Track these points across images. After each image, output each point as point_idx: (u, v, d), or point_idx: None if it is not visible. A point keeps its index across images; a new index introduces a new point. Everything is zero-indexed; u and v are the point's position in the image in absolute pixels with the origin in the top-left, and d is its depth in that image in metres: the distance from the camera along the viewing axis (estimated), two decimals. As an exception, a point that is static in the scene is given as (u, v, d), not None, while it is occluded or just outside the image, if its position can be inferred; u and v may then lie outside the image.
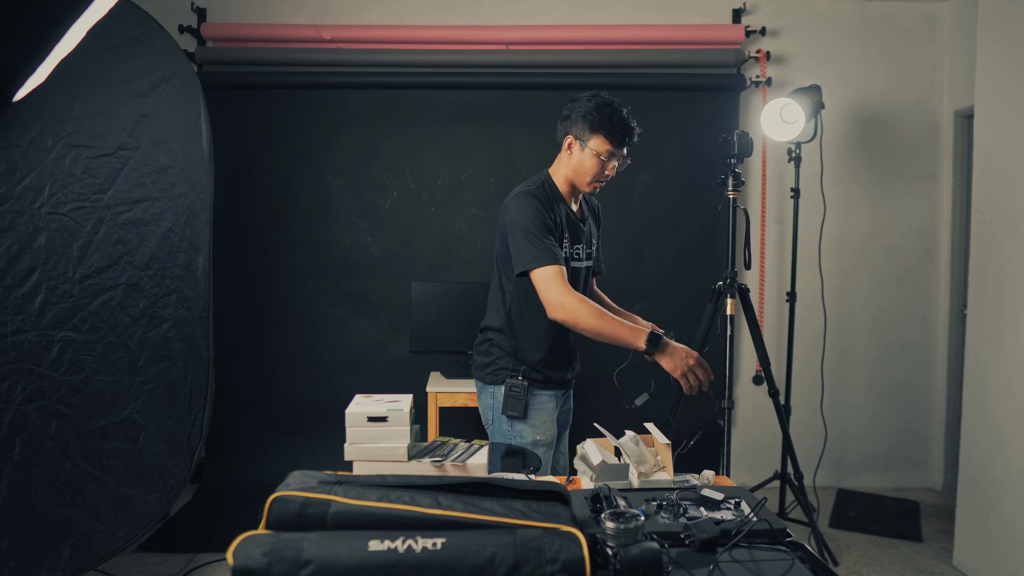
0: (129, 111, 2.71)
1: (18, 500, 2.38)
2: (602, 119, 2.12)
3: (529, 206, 2.10)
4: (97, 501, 2.52)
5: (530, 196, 2.13)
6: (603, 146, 2.14)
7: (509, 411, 2.18)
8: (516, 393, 2.18)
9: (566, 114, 2.21)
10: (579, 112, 2.17)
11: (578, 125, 2.17)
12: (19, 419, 2.41)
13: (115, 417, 2.60)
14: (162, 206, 2.76)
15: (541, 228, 2.08)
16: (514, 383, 2.19)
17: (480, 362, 2.31)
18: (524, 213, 2.09)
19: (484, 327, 2.32)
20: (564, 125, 2.22)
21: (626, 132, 2.14)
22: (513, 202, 2.15)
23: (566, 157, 2.21)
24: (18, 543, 2.35)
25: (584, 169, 2.17)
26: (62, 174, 2.56)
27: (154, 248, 2.74)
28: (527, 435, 2.19)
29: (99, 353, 2.59)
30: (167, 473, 2.70)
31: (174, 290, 2.77)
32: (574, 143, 2.18)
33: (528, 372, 2.21)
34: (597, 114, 2.13)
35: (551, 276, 2.04)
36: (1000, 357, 2.87)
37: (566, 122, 2.21)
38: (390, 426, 1.73)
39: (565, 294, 2.03)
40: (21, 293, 2.46)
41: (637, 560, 0.96)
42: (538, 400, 2.22)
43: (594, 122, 2.13)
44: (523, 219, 2.09)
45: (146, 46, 2.76)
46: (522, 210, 2.10)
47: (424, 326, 3.62)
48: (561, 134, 2.22)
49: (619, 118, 2.13)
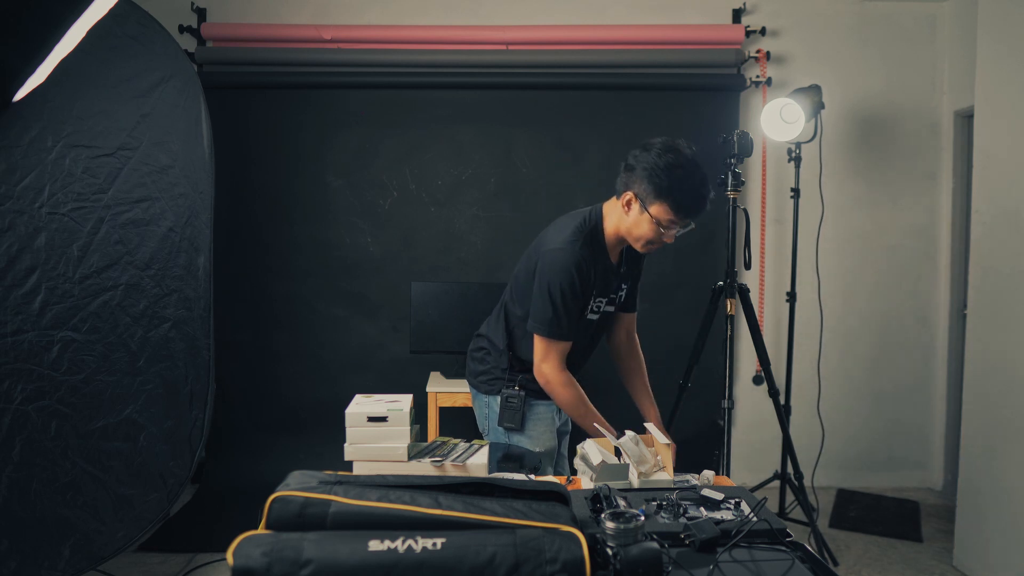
0: (129, 111, 2.71)
1: (18, 500, 2.38)
2: (671, 184, 1.87)
3: (568, 273, 1.94)
4: (97, 501, 2.52)
5: (574, 260, 1.94)
6: (667, 215, 1.90)
7: (506, 423, 2.11)
8: (513, 404, 2.11)
9: (631, 164, 1.95)
10: (646, 168, 1.90)
11: (642, 184, 1.90)
12: (19, 419, 2.41)
13: (115, 417, 2.60)
14: (162, 206, 2.76)
15: (569, 300, 1.96)
16: (510, 393, 2.11)
17: (475, 369, 2.26)
18: (561, 278, 1.95)
19: (481, 334, 2.28)
20: (627, 176, 1.96)
21: (698, 204, 1.90)
22: (556, 256, 1.97)
23: (622, 211, 1.98)
24: (18, 543, 2.35)
25: (640, 232, 1.96)
26: (62, 174, 2.56)
27: (154, 248, 2.74)
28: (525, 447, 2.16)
29: (99, 353, 2.59)
30: (167, 473, 2.70)
31: (175, 290, 2.77)
32: (634, 202, 1.93)
33: (525, 382, 2.14)
34: (667, 177, 1.87)
35: (551, 350, 2.00)
36: (1000, 357, 2.86)
37: (630, 173, 1.95)
38: (390, 426, 1.73)
39: (555, 372, 2.01)
40: (21, 293, 2.46)
41: (637, 560, 0.96)
42: (536, 411, 2.16)
43: (661, 187, 1.87)
44: (557, 284, 1.95)
45: (146, 46, 2.76)
46: (561, 274, 1.95)
47: (424, 326, 3.62)
48: (621, 185, 1.97)
49: (691, 185, 1.88)
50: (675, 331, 3.83)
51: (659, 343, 3.90)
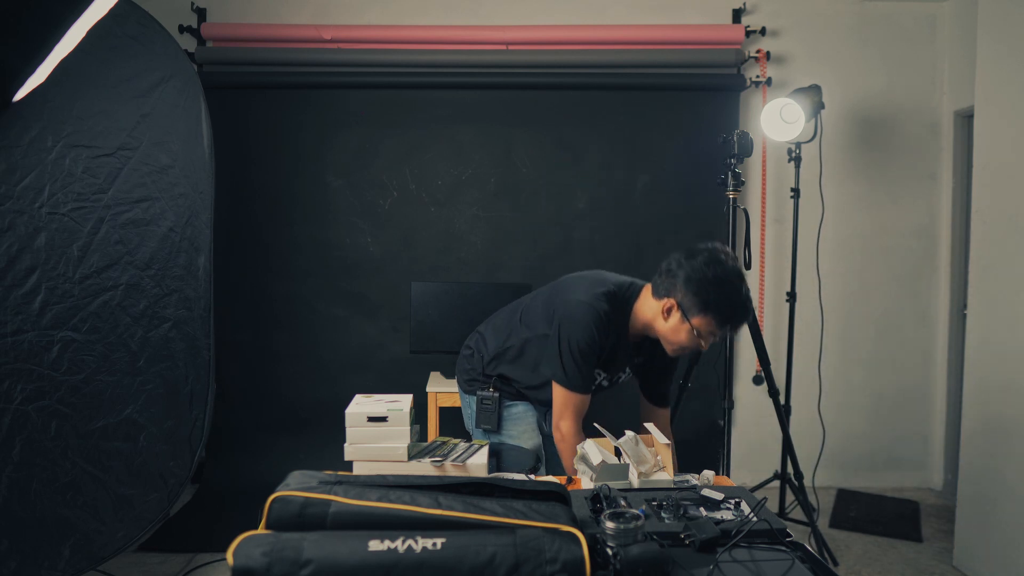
0: (129, 111, 2.71)
1: (18, 500, 2.38)
2: (719, 299, 1.81)
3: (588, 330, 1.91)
4: (97, 501, 2.52)
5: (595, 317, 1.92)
6: (709, 327, 1.84)
7: (483, 424, 2.11)
8: (487, 406, 2.10)
9: (672, 270, 1.87)
10: (691, 279, 1.82)
11: (686, 295, 1.83)
12: (19, 419, 2.41)
13: (115, 417, 2.60)
14: (163, 206, 2.76)
15: (589, 356, 1.93)
16: (485, 395, 2.11)
17: (460, 367, 2.30)
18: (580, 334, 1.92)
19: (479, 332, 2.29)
20: (668, 281, 1.87)
21: (742, 318, 1.86)
22: (579, 309, 1.94)
23: (659, 314, 1.90)
24: (18, 543, 2.35)
25: (678, 339, 1.90)
26: (62, 174, 2.56)
27: (155, 248, 2.74)
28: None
29: (99, 353, 2.59)
30: (168, 473, 2.70)
31: (175, 290, 2.77)
32: (675, 311, 1.86)
33: (499, 384, 2.14)
34: (714, 291, 1.80)
35: (572, 403, 1.95)
36: (1000, 357, 2.86)
37: (672, 280, 1.86)
38: (390, 426, 1.73)
39: (572, 427, 1.96)
40: (21, 293, 2.46)
41: (637, 560, 0.96)
42: (513, 411, 2.16)
43: (708, 302, 1.81)
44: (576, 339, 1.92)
45: (146, 46, 2.76)
46: (581, 329, 1.92)
47: (424, 326, 3.62)
48: (661, 289, 1.89)
49: (738, 300, 1.82)
50: (675, 331, 3.83)
51: (659, 343, 3.92)
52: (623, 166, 3.95)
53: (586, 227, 3.95)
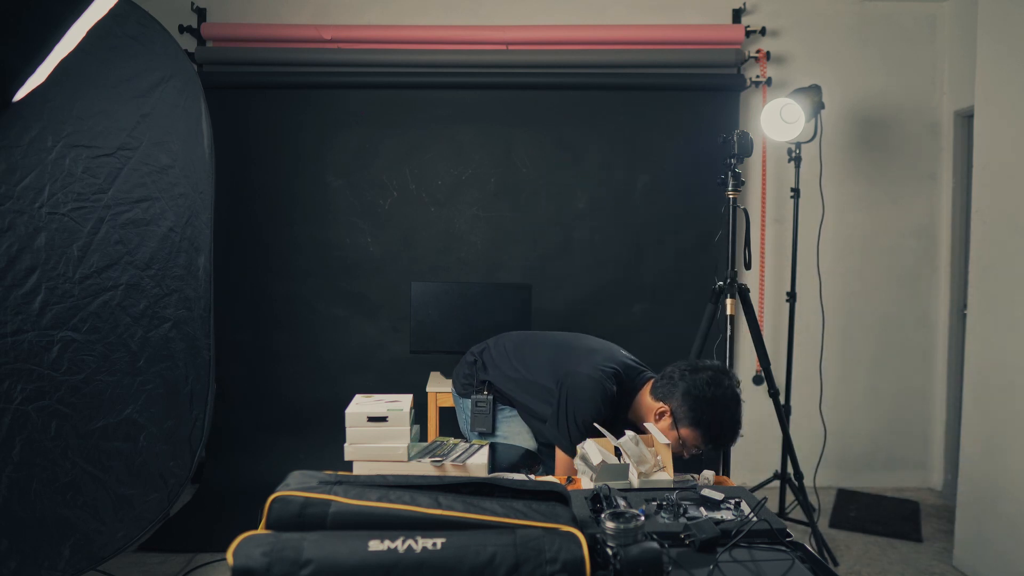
0: (129, 111, 2.71)
1: (18, 500, 2.38)
2: (712, 419, 1.86)
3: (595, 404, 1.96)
4: (97, 501, 2.52)
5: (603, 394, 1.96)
6: (695, 440, 1.89)
7: (478, 427, 2.13)
8: (482, 408, 2.12)
9: (675, 379, 1.92)
10: (690, 393, 1.87)
11: (682, 406, 1.87)
12: (19, 419, 2.41)
13: (115, 417, 2.60)
14: (163, 206, 2.76)
15: (591, 428, 1.91)
16: (479, 398, 2.12)
17: (460, 371, 2.32)
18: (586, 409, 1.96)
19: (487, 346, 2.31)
20: (667, 388, 1.93)
21: (730, 439, 1.90)
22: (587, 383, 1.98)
23: (652, 413, 1.95)
24: (18, 543, 2.35)
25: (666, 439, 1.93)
26: (62, 174, 2.56)
27: (155, 248, 2.74)
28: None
29: (99, 353, 2.59)
30: (168, 473, 2.70)
31: (175, 290, 2.77)
32: (667, 416, 1.90)
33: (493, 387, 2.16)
34: (709, 411, 1.86)
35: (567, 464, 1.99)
36: (1000, 357, 2.86)
37: (671, 386, 1.91)
38: (390, 426, 1.73)
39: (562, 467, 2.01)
40: (21, 293, 2.46)
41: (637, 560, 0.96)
42: (506, 414, 2.19)
43: (701, 419, 1.86)
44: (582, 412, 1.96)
45: (146, 46, 2.76)
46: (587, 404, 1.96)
47: (424, 326, 3.62)
48: (660, 392, 1.94)
49: (729, 423, 1.87)
50: (675, 331, 3.83)
51: (659, 343, 3.91)
52: (623, 166, 3.95)
53: (586, 227, 3.95)
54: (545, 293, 3.79)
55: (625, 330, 3.93)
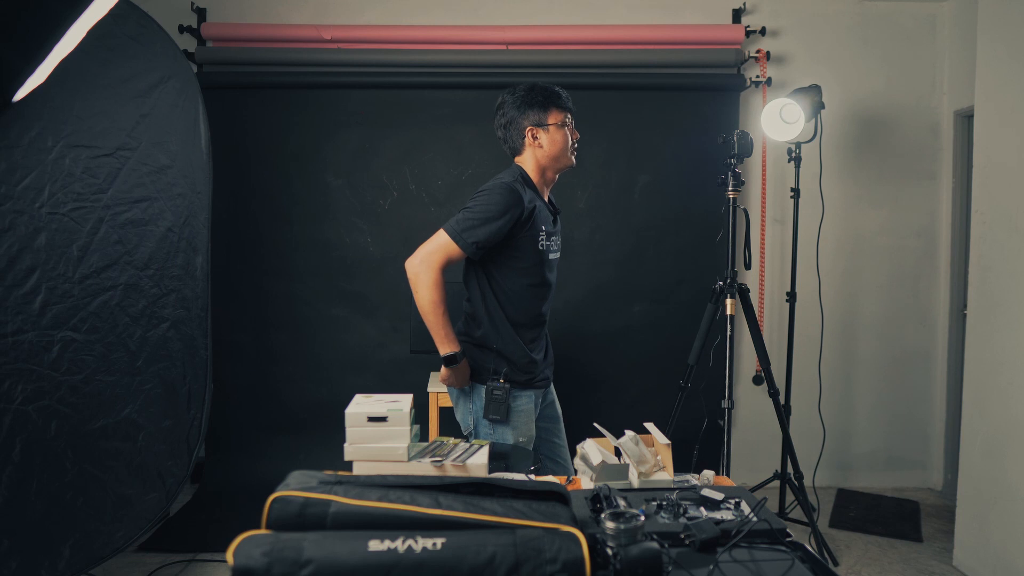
0: (129, 111, 2.71)
1: (18, 500, 2.38)
2: (545, 97, 2.20)
3: (503, 190, 2.13)
4: (97, 501, 2.52)
5: (509, 183, 2.15)
6: (560, 115, 2.21)
7: (491, 415, 2.16)
8: (498, 396, 2.16)
9: (509, 117, 2.24)
10: (518, 106, 2.22)
11: (528, 115, 2.21)
12: (19, 419, 2.40)
13: (115, 417, 2.60)
14: (161, 206, 2.76)
15: (495, 215, 2.11)
16: (495, 386, 2.16)
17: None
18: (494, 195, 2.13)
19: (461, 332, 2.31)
20: (512, 126, 2.24)
21: (565, 96, 2.24)
22: (493, 182, 2.18)
23: (535, 150, 2.24)
24: (18, 543, 2.35)
25: (559, 146, 2.23)
26: (62, 174, 2.56)
27: (153, 248, 2.74)
28: (509, 438, 2.20)
29: (99, 353, 2.59)
30: (166, 473, 2.70)
31: (173, 290, 2.77)
32: (536, 131, 2.22)
33: (510, 374, 2.19)
34: (539, 95, 2.21)
35: (442, 249, 2.15)
36: (1000, 357, 2.86)
37: (513, 123, 2.24)
38: (390, 426, 1.73)
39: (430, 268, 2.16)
40: (21, 293, 2.46)
41: (637, 560, 0.96)
42: (519, 402, 2.22)
43: (540, 102, 2.20)
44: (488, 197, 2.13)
45: (146, 46, 2.76)
46: (495, 191, 2.14)
47: (424, 326, 3.61)
48: (515, 135, 2.25)
49: (552, 89, 2.23)
50: (675, 331, 3.83)
51: (659, 343, 3.92)
52: (623, 166, 3.95)
53: (586, 227, 3.95)
54: (545, 293, 3.78)
55: (625, 330, 3.94)
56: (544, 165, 2.25)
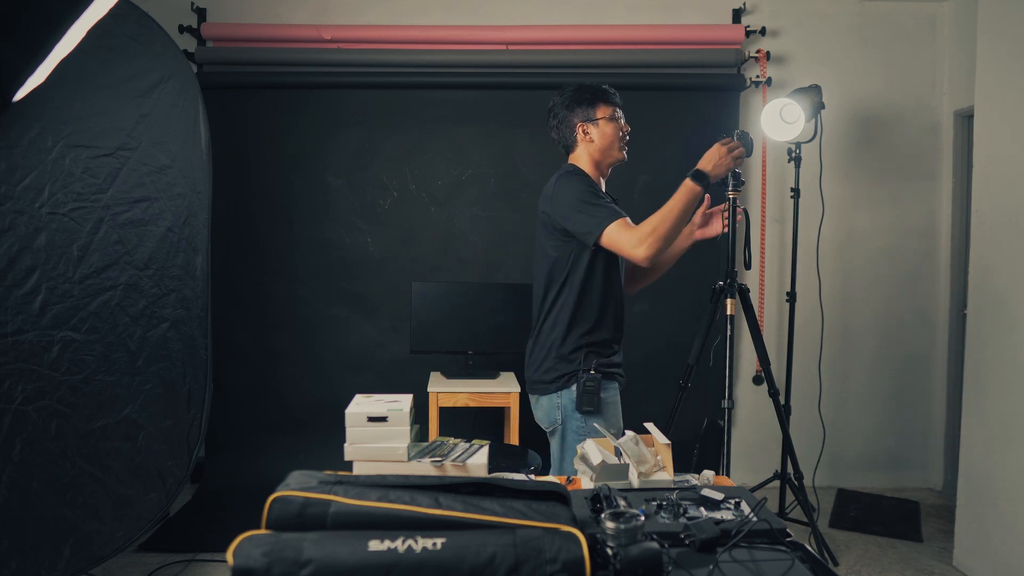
0: (128, 111, 2.71)
1: (18, 500, 2.38)
2: (592, 93, 2.26)
3: (582, 179, 2.18)
4: (97, 501, 2.52)
5: (574, 174, 2.20)
6: (608, 110, 2.26)
7: (585, 406, 2.16)
8: (591, 388, 2.17)
9: (560, 117, 2.30)
10: (568, 104, 2.27)
11: (578, 112, 2.26)
12: (19, 419, 2.40)
13: (115, 417, 2.60)
14: (161, 206, 2.76)
15: (598, 195, 2.16)
16: (588, 377, 2.17)
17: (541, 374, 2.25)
18: (579, 185, 2.16)
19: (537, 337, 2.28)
20: (564, 124, 2.30)
21: (613, 92, 2.30)
22: (564, 179, 2.20)
23: (587, 144, 2.28)
24: (18, 543, 2.35)
25: (610, 138, 2.27)
26: (62, 174, 2.56)
27: (153, 248, 2.74)
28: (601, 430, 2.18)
29: (99, 353, 2.59)
30: (166, 473, 2.70)
31: (173, 290, 2.77)
32: (586, 126, 2.26)
33: (600, 366, 2.20)
34: (586, 92, 2.26)
35: (623, 231, 2.11)
36: (1000, 357, 2.86)
37: (565, 122, 2.29)
38: (390, 426, 1.73)
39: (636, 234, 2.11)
40: (21, 293, 2.46)
41: (637, 560, 0.96)
42: (608, 392, 2.23)
43: (588, 99, 2.26)
44: (580, 190, 2.15)
45: (146, 46, 2.75)
46: (577, 184, 2.17)
47: (424, 326, 3.62)
48: (567, 132, 2.30)
49: (599, 86, 2.29)
50: (675, 331, 3.83)
51: (659, 343, 3.91)
52: (623, 166, 3.93)
53: (586, 227, 3.94)
54: (545, 293, 3.77)
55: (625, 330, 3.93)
56: (597, 159, 2.29)
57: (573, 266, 2.21)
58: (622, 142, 2.31)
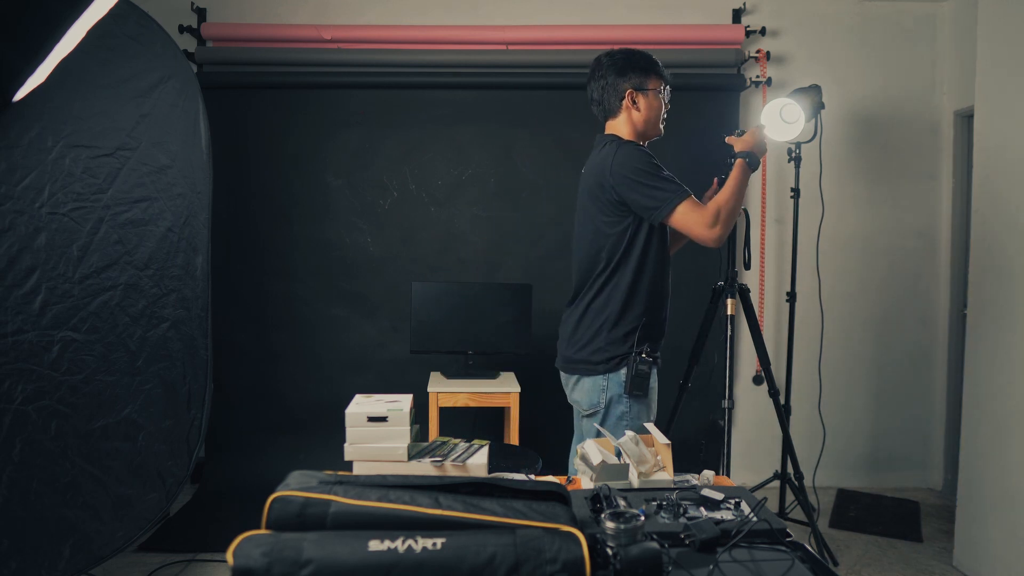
0: (129, 111, 2.71)
1: (18, 500, 2.38)
2: (646, 61, 2.17)
3: (640, 154, 2.08)
4: (97, 501, 2.53)
5: (634, 147, 2.11)
6: (658, 83, 2.19)
7: (636, 391, 2.12)
8: (643, 371, 2.12)
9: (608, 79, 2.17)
10: (621, 68, 2.16)
11: (631, 78, 2.15)
12: (19, 419, 2.41)
13: (115, 417, 2.60)
14: (161, 206, 2.76)
15: (661, 168, 2.08)
16: (641, 360, 2.12)
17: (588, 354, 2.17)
18: (641, 159, 2.07)
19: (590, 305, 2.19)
20: (611, 88, 2.17)
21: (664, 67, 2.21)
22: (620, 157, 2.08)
23: (631, 113, 2.18)
24: (18, 543, 2.35)
25: (655, 112, 2.20)
26: (62, 174, 2.56)
27: (153, 248, 2.74)
28: (643, 416, 2.14)
29: (99, 353, 2.59)
30: (166, 473, 2.70)
31: (173, 290, 2.77)
32: (636, 95, 2.16)
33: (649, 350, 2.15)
34: (641, 60, 2.17)
35: (693, 210, 2.04)
36: (1000, 357, 2.86)
37: (612, 85, 2.17)
38: (390, 426, 1.73)
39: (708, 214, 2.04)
40: (21, 293, 2.46)
41: (637, 560, 0.96)
42: (653, 377, 2.19)
43: (642, 67, 2.16)
44: (643, 164, 2.07)
45: (146, 46, 2.76)
46: (638, 158, 2.07)
47: (424, 326, 3.62)
48: (613, 97, 2.18)
49: (652, 57, 2.19)
50: (675, 331, 3.80)
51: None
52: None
53: (586, 227, 3.94)
54: (545, 293, 3.78)
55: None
56: (640, 130, 2.20)
57: (630, 243, 2.12)
58: (662, 119, 2.24)
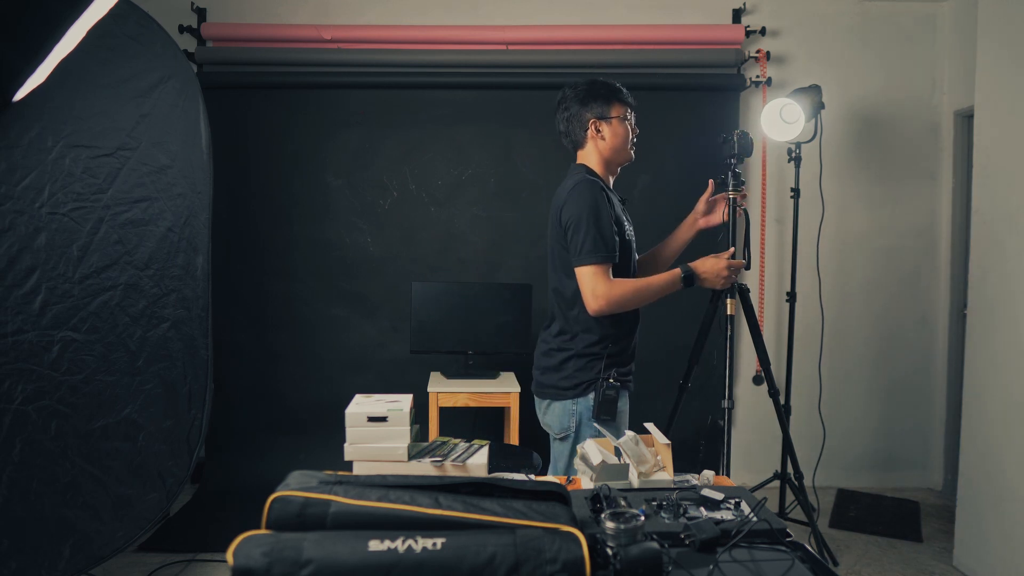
0: (129, 111, 2.71)
1: (18, 500, 2.38)
2: (607, 90, 2.22)
3: (594, 194, 2.10)
4: (97, 501, 2.52)
5: (593, 185, 2.12)
6: (622, 109, 2.23)
7: (604, 415, 2.11)
8: (610, 396, 2.12)
9: (572, 111, 2.23)
10: (583, 99, 2.22)
11: (592, 108, 2.21)
12: (19, 419, 2.41)
13: (115, 417, 2.60)
14: (161, 206, 2.76)
15: (605, 216, 2.08)
16: (608, 385, 2.12)
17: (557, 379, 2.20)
18: (590, 200, 2.09)
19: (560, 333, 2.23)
20: (575, 119, 2.24)
21: (626, 92, 2.26)
22: (577, 189, 2.12)
23: (597, 142, 2.23)
24: (18, 543, 2.35)
25: (621, 139, 2.23)
26: (62, 174, 2.56)
27: (153, 248, 2.74)
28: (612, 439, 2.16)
29: (99, 353, 2.59)
30: (166, 473, 2.70)
31: (173, 290, 2.77)
32: (599, 123, 2.22)
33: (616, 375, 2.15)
34: (601, 89, 2.22)
35: (598, 275, 2.05)
36: (1000, 357, 2.86)
37: (576, 116, 2.23)
38: (390, 426, 1.73)
39: (607, 288, 2.06)
40: (21, 293, 2.46)
41: (637, 560, 0.96)
42: (622, 401, 2.20)
43: (603, 95, 2.21)
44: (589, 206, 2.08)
45: (146, 46, 2.76)
46: (589, 198, 2.09)
47: (424, 326, 3.62)
48: (578, 128, 2.24)
49: (613, 84, 2.25)
50: (675, 331, 3.83)
51: (659, 343, 3.91)
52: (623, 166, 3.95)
53: (586, 227, 3.94)
54: (545, 293, 3.77)
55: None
56: (607, 158, 2.24)
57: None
58: (631, 143, 2.27)
